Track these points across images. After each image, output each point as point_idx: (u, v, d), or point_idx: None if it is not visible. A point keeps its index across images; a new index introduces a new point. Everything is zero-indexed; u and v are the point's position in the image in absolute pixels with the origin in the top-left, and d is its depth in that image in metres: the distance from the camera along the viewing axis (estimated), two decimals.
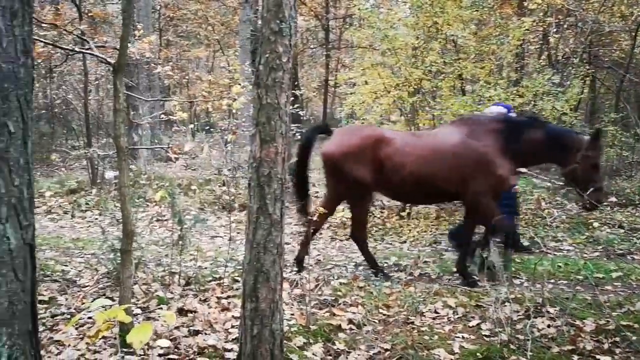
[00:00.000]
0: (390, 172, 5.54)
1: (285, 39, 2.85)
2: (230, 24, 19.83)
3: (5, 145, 3.16)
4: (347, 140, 5.75)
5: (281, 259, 3.06)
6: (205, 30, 20.02)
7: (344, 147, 5.67)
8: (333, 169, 5.74)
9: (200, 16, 19.06)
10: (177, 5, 19.23)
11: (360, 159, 5.57)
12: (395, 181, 5.57)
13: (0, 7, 3.10)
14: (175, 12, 19.57)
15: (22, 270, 3.25)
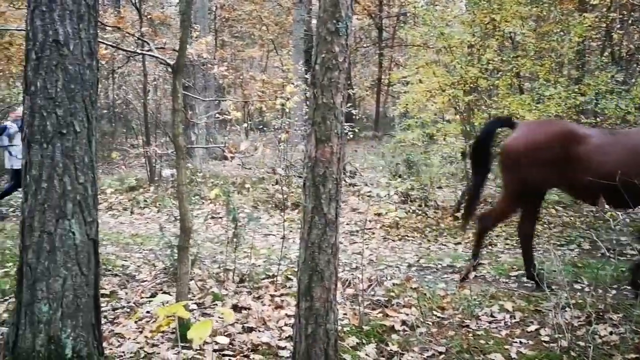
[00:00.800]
0: (582, 171, 5.01)
1: (341, 39, 2.84)
2: (284, 24, 20.01)
3: (72, 144, 3.30)
4: (533, 135, 5.32)
5: (336, 258, 3.06)
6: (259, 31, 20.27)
7: (530, 142, 5.24)
8: (514, 165, 5.33)
9: (254, 16, 19.30)
10: (232, 6, 19.53)
11: (547, 155, 5.12)
12: (586, 181, 5.03)
13: (67, 11, 3.24)
14: (230, 13, 19.90)
15: (87, 264, 3.39)
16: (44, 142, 3.23)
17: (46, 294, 3.23)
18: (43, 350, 3.20)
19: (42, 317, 3.21)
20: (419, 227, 8.07)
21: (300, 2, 13.43)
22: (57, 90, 3.23)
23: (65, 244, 3.28)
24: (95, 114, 3.48)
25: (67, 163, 3.28)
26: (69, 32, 3.25)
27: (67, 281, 3.28)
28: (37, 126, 3.23)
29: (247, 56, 22.71)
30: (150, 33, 11.30)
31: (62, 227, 3.27)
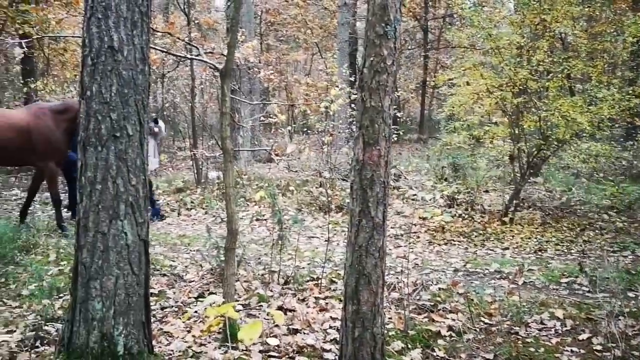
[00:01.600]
0: None
1: (390, 42, 2.84)
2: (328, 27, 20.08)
3: (124, 147, 3.40)
4: None
5: (383, 262, 3.05)
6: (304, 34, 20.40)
7: None
8: None
9: (299, 20, 19.44)
10: (277, 10, 19.72)
11: None
12: None
13: (122, 18, 3.34)
14: (275, 16, 20.10)
15: (138, 264, 3.48)
16: (98, 145, 3.34)
17: (99, 292, 3.33)
18: (96, 347, 3.30)
19: (95, 314, 3.32)
20: (465, 231, 7.95)
21: (345, 5, 13.44)
22: (112, 95, 3.34)
23: (117, 244, 3.37)
24: (147, 117, 3.58)
25: (120, 165, 3.38)
26: (123, 39, 3.35)
27: (119, 280, 3.38)
28: (92, 129, 3.34)
29: (292, 59, 22.86)
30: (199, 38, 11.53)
31: (115, 227, 3.37)
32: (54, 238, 6.69)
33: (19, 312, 4.40)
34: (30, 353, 3.55)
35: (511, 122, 8.68)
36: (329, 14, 19.68)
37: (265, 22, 21.18)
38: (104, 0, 3.29)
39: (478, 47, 10.50)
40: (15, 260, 5.63)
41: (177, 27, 12.01)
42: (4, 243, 5.86)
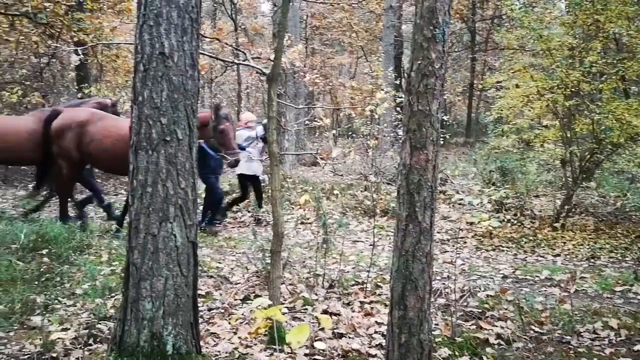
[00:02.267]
0: None
1: (438, 45, 2.80)
2: (373, 31, 20.03)
3: (174, 151, 3.48)
4: None
5: (430, 267, 3.01)
6: (349, 38, 20.41)
7: None
8: None
9: (344, 24, 19.46)
10: (322, 14, 19.81)
11: None
12: None
13: (172, 25, 3.42)
14: (321, 21, 20.19)
15: (186, 266, 3.55)
16: (149, 149, 3.42)
17: (150, 293, 3.41)
18: (146, 346, 3.38)
19: (145, 314, 3.40)
20: (514, 237, 7.77)
21: (390, 8, 13.38)
22: (162, 100, 3.42)
23: (167, 246, 3.45)
24: (196, 122, 3.65)
25: (170, 169, 3.46)
26: (174, 45, 3.43)
27: (168, 281, 3.45)
28: (144, 134, 3.43)
29: (337, 63, 22.93)
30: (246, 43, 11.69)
31: (165, 229, 3.45)
32: (107, 239, 6.89)
33: (73, 311, 4.55)
34: (84, 350, 3.66)
35: (563, 125, 8.44)
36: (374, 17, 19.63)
37: (310, 26, 21.30)
38: (155, 8, 3.38)
39: (528, 48, 10.28)
40: (70, 260, 5.82)
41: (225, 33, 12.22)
42: (60, 243, 6.07)
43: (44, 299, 4.70)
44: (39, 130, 7.96)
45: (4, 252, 5.61)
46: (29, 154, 8.13)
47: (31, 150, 8.05)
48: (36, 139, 7.95)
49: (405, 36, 18.72)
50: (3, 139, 7.93)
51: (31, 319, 4.28)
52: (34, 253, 5.79)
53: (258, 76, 14.25)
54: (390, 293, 3.11)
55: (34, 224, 6.62)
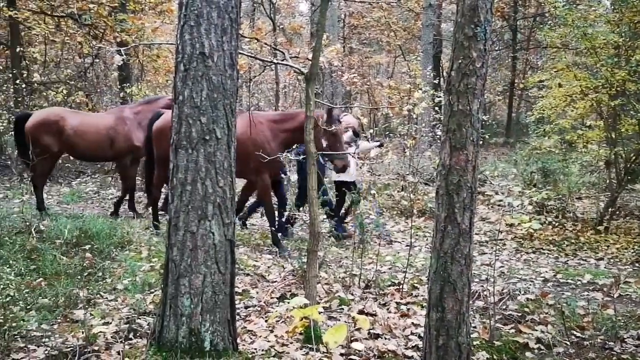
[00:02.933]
0: None
1: (479, 44, 2.75)
2: (412, 29, 19.86)
3: (213, 149, 3.52)
4: None
5: (469, 269, 2.96)
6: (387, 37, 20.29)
7: None
8: None
9: (383, 23, 19.35)
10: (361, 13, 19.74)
11: None
12: None
13: (213, 25, 3.46)
14: (359, 20, 20.13)
15: (224, 263, 3.58)
16: (189, 147, 3.47)
17: (188, 289, 3.46)
18: (185, 342, 3.43)
19: (184, 310, 3.45)
20: (555, 239, 7.59)
21: (430, 7, 13.24)
22: (202, 99, 3.46)
23: (205, 243, 3.50)
24: (235, 121, 3.68)
25: (209, 167, 3.50)
26: (214, 45, 3.47)
27: (206, 278, 3.50)
28: (184, 133, 3.48)
29: (375, 62, 22.82)
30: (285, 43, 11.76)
31: (204, 227, 3.50)
32: (146, 236, 7.03)
33: (114, 305, 4.65)
34: (124, 344, 3.74)
35: (607, 125, 8.20)
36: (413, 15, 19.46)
37: (348, 26, 21.26)
38: (196, 8, 3.42)
39: (571, 47, 10.01)
40: (112, 256, 5.95)
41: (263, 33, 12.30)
42: (102, 239, 6.23)
43: (86, 293, 4.81)
44: (116, 127, 8.29)
45: (49, 247, 5.78)
46: (107, 151, 8.42)
47: (109, 147, 8.35)
48: (114, 136, 8.31)
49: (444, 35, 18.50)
50: (82, 136, 8.19)
51: (74, 313, 4.39)
52: (77, 248, 5.95)
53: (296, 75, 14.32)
54: (428, 295, 3.07)
55: (78, 220, 6.81)
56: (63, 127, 8.08)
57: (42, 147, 7.97)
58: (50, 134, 8.04)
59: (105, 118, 8.63)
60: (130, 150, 8.38)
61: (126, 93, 14.64)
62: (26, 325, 4.01)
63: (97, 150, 8.38)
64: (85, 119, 8.55)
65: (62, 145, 8.17)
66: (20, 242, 5.83)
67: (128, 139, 8.35)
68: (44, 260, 5.44)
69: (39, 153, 7.90)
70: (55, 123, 8.08)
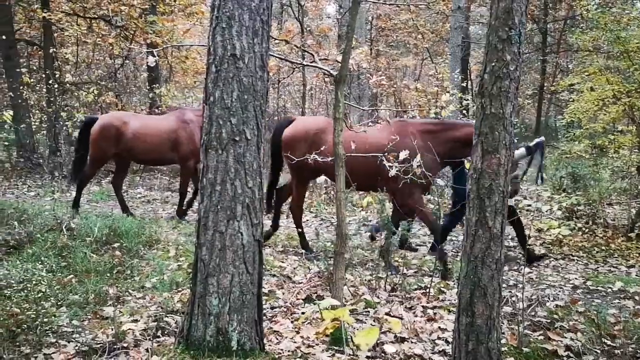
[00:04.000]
0: None
1: (513, 47, 2.73)
2: (440, 32, 19.72)
3: (243, 150, 3.54)
4: None
5: (500, 274, 2.93)
6: (414, 39, 20.19)
7: None
8: None
9: (410, 25, 19.26)
10: (389, 15, 19.68)
11: None
12: None
13: (244, 27, 3.48)
14: (386, 22, 20.06)
15: (252, 263, 3.60)
16: (219, 148, 3.50)
17: (216, 289, 3.49)
18: (212, 341, 3.46)
19: (212, 309, 3.48)
20: (585, 246, 7.46)
21: (458, 9, 13.13)
22: (232, 101, 3.49)
23: (234, 243, 3.52)
24: (265, 122, 3.70)
25: (238, 168, 3.53)
26: (245, 46, 3.50)
27: (234, 278, 3.52)
28: (214, 133, 3.51)
29: (402, 65, 22.72)
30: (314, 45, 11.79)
31: (232, 227, 3.52)
32: (174, 235, 7.11)
33: (142, 303, 4.71)
34: (153, 342, 3.79)
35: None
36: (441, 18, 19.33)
37: (376, 28, 21.21)
38: (228, 10, 3.45)
39: (603, 50, 9.84)
40: (140, 254, 6.04)
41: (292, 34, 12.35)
42: (130, 238, 6.32)
43: (115, 290, 4.89)
44: (178, 129, 8.17)
45: (79, 245, 5.88)
46: (167, 154, 8.28)
47: (170, 150, 8.21)
48: (175, 139, 8.14)
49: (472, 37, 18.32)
50: (143, 139, 8.12)
51: (104, 310, 4.46)
52: (107, 246, 6.04)
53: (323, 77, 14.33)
54: (458, 299, 3.04)
55: (107, 219, 6.92)
56: (124, 131, 8.08)
57: (101, 151, 8.09)
58: (110, 138, 8.07)
59: (166, 120, 8.55)
60: (194, 153, 8.11)
61: (155, 94, 14.86)
62: (57, 321, 4.08)
63: (157, 153, 8.28)
64: (145, 122, 8.51)
65: (121, 148, 8.17)
66: (52, 239, 5.94)
67: (191, 141, 8.21)
68: (74, 258, 5.54)
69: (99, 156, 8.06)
70: (117, 127, 8.11)
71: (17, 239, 5.85)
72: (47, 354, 3.64)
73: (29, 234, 5.98)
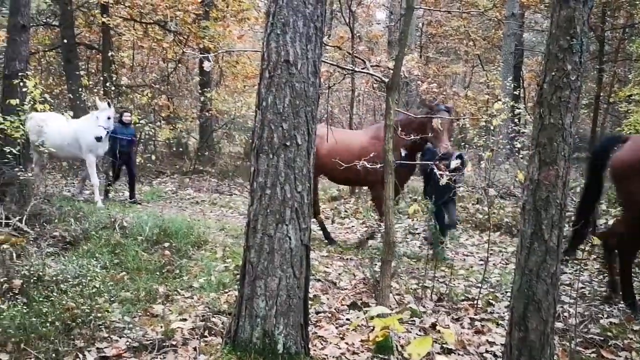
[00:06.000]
0: None
1: (574, 56, 2.65)
2: (492, 39, 19.39)
3: (293, 155, 3.56)
4: None
5: (555, 289, 2.84)
6: (465, 46, 19.92)
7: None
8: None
9: (462, 32, 19.02)
10: (439, 22, 19.50)
11: None
12: None
13: (298, 34, 3.51)
14: (437, 29, 19.89)
15: (299, 267, 3.62)
16: (270, 152, 3.54)
17: (264, 291, 3.52)
18: (259, 343, 3.49)
19: (259, 312, 3.51)
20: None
21: (512, 16, 12.88)
22: (284, 106, 3.52)
23: (282, 247, 3.55)
24: (315, 128, 3.72)
25: (288, 173, 3.55)
26: (298, 53, 3.52)
27: (282, 281, 3.54)
28: (266, 138, 3.55)
29: (451, 72, 22.46)
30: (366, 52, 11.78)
31: (281, 231, 3.55)
32: (221, 236, 7.21)
33: (190, 302, 4.80)
34: (200, 341, 3.85)
35: None
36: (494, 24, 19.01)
37: (426, 35, 21.05)
38: (283, 17, 3.49)
39: None
40: (188, 254, 6.15)
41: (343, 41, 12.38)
42: (180, 238, 6.45)
43: (165, 289, 5.00)
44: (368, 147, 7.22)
45: (131, 243, 6.04)
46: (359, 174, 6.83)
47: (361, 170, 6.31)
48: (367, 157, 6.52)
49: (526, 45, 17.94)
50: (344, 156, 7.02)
51: (153, 307, 4.57)
52: (157, 246, 6.18)
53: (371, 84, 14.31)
54: (510, 312, 2.97)
55: (157, 218, 7.08)
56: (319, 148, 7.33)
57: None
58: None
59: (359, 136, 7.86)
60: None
61: (206, 97, 15.15)
62: (110, 317, 4.20)
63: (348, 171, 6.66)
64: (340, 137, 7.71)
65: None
66: (106, 236, 6.13)
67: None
68: (126, 255, 5.70)
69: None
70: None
71: (73, 236, 6.06)
72: (100, 348, 3.75)
73: (84, 231, 6.18)
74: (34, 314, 3.98)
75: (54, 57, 17.03)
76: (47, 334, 3.75)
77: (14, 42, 7.33)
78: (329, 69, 10.01)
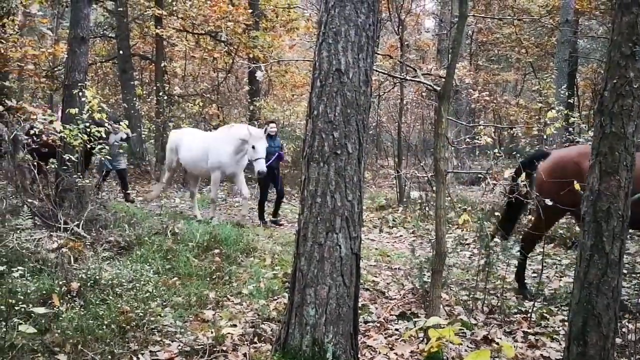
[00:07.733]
0: None
1: (637, 63, 2.56)
2: (545, 46, 18.93)
3: (344, 164, 3.57)
4: None
5: (616, 303, 2.74)
6: (517, 53, 19.52)
7: None
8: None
9: (513, 39, 18.66)
10: (490, 29, 19.20)
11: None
12: None
13: (349, 43, 3.53)
14: (487, 36, 19.57)
15: (349, 276, 3.61)
16: (321, 160, 3.55)
17: (314, 299, 3.52)
18: (308, 351, 3.49)
19: (309, 319, 3.52)
20: None
21: (566, 22, 12.55)
22: (335, 115, 3.54)
23: (332, 256, 3.55)
24: (367, 137, 3.71)
25: (339, 181, 3.56)
26: (350, 62, 3.54)
27: (331, 290, 3.54)
28: (317, 146, 3.57)
29: (502, 80, 22.04)
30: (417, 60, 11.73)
31: (331, 239, 3.55)
32: (270, 244, 7.28)
33: (239, 309, 4.85)
34: (250, 347, 3.88)
35: None
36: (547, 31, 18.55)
37: (476, 42, 20.74)
38: (335, 26, 3.51)
39: None
40: (238, 261, 6.23)
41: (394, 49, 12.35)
42: (229, 245, 6.54)
43: (215, 295, 5.08)
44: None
45: (182, 249, 6.17)
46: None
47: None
48: None
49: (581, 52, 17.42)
50: None
51: (204, 313, 4.64)
52: (207, 252, 6.29)
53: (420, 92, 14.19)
54: (569, 326, 2.87)
55: (208, 225, 7.21)
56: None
57: None
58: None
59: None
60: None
61: (255, 106, 15.38)
62: (162, 321, 4.29)
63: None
64: None
65: None
66: (158, 242, 6.28)
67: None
68: (178, 261, 5.82)
69: None
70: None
71: (127, 241, 6.23)
72: (153, 352, 3.83)
73: (138, 237, 6.35)
74: (91, 316, 4.11)
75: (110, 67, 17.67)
76: (103, 336, 3.86)
77: (74, 54, 7.62)
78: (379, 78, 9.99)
